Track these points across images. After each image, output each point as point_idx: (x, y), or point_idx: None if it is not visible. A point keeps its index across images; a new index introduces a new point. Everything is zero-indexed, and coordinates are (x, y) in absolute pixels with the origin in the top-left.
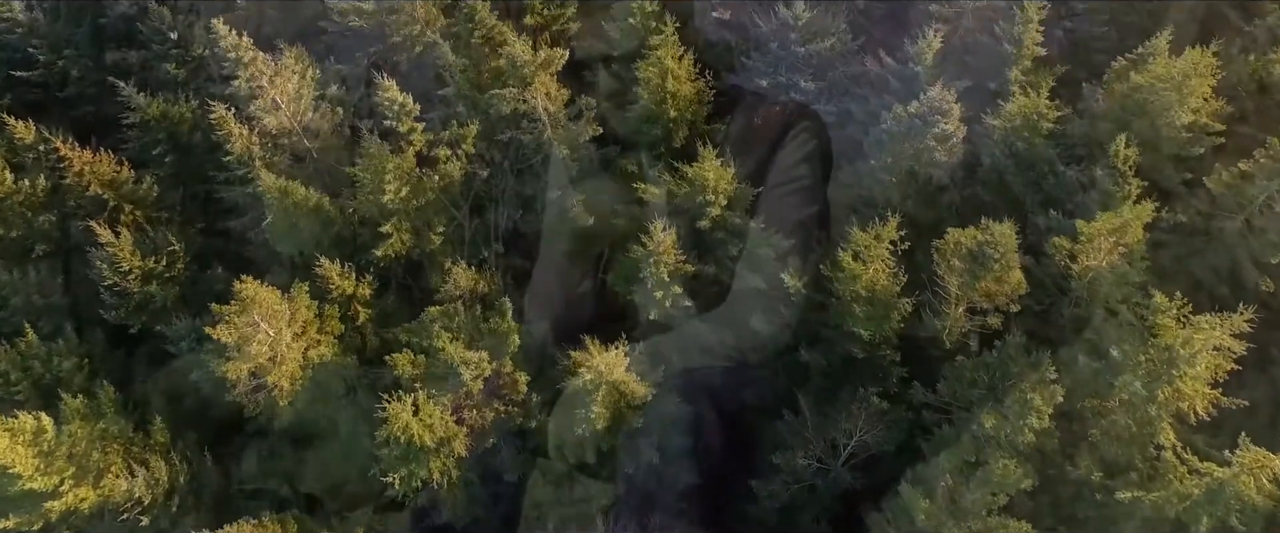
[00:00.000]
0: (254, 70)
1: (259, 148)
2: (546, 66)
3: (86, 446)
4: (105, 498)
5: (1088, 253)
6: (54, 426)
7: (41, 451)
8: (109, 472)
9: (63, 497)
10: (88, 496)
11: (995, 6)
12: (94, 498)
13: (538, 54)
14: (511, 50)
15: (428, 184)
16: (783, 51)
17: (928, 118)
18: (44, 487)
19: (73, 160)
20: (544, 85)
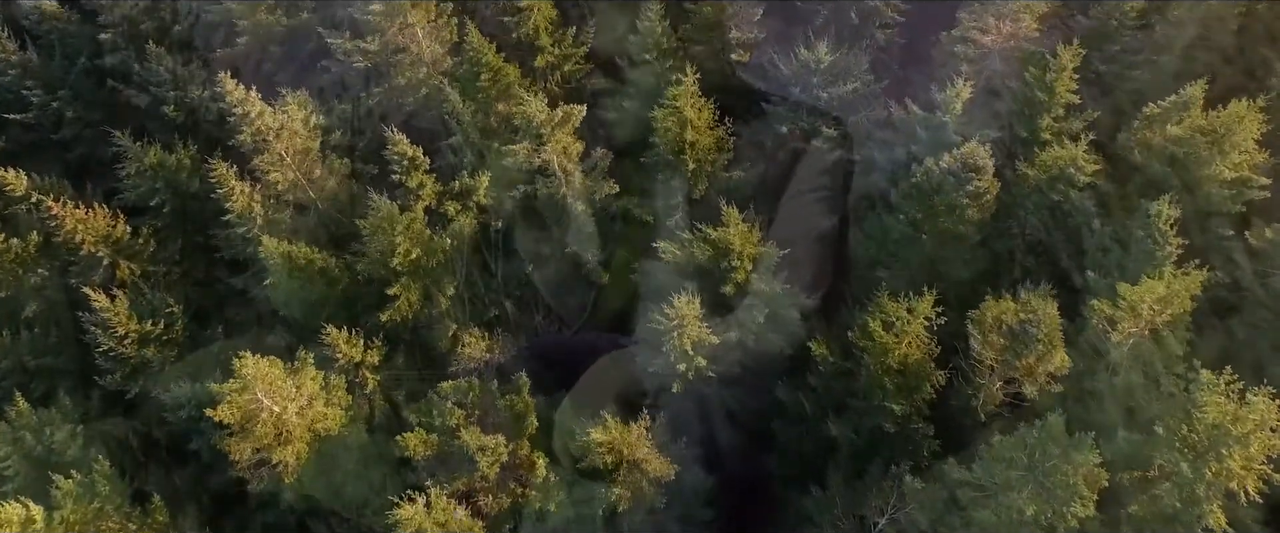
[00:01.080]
0: (260, 124)
1: (261, 204)
2: (565, 123)
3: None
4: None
5: (1129, 320)
6: (44, 513)
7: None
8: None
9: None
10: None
11: (1022, 48)
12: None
13: (556, 112)
14: (527, 110)
15: (439, 245)
16: (804, 95)
17: (961, 175)
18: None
19: (65, 218)
20: (562, 143)
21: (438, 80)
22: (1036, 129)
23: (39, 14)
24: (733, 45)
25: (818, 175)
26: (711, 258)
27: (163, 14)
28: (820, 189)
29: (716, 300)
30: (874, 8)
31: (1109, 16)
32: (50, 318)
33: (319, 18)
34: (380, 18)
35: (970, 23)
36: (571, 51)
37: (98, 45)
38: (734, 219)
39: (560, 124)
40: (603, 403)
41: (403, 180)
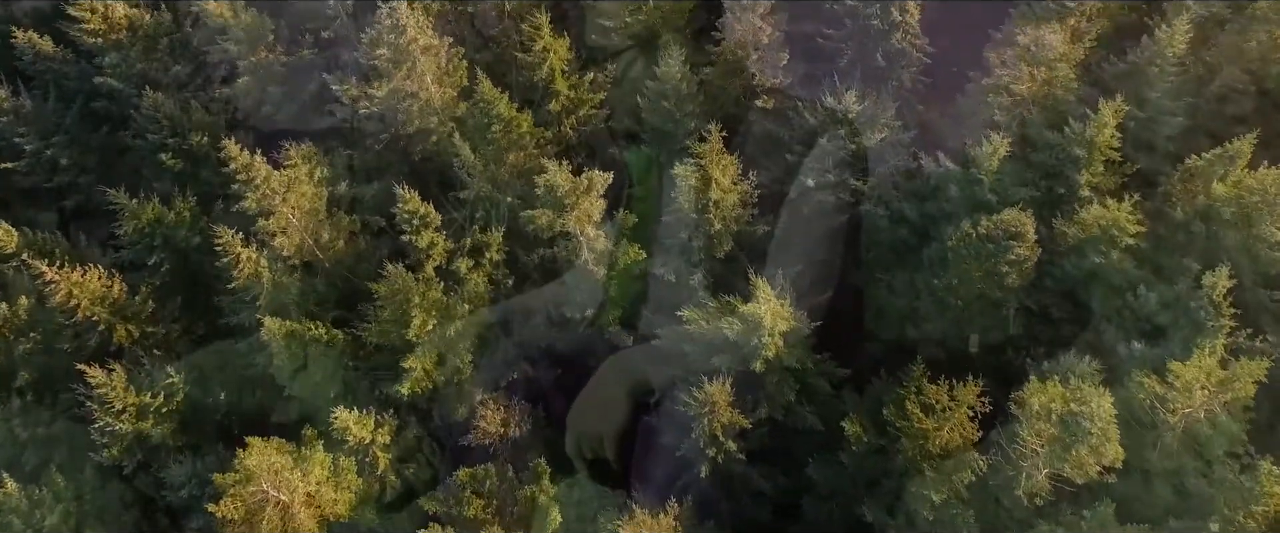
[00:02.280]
0: (266, 189)
1: (268, 269)
2: (588, 192)
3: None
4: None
5: (1181, 399)
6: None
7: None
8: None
9: None
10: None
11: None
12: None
13: (580, 181)
14: (551, 179)
15: (456, 312)
16: (831, 146)
17: (1001, 242)
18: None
19: (59, 283)
20: (585, 211)
21: (448, 127)
22: (1074, 185)
23: (34, 53)
24: (757, 91)
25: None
26: (741, 332)
27: (161, 54)
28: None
29: (745, 377)
30: (901, 50)
31: (1147, 62)
32: (44, 385)
33: (323, 57)
34: (387, 63)
35: (1002, 70)
36: (588, 97)
37: (94, 88)
38: (765, 294)
39: (584, 192)
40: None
41: (412, 240)
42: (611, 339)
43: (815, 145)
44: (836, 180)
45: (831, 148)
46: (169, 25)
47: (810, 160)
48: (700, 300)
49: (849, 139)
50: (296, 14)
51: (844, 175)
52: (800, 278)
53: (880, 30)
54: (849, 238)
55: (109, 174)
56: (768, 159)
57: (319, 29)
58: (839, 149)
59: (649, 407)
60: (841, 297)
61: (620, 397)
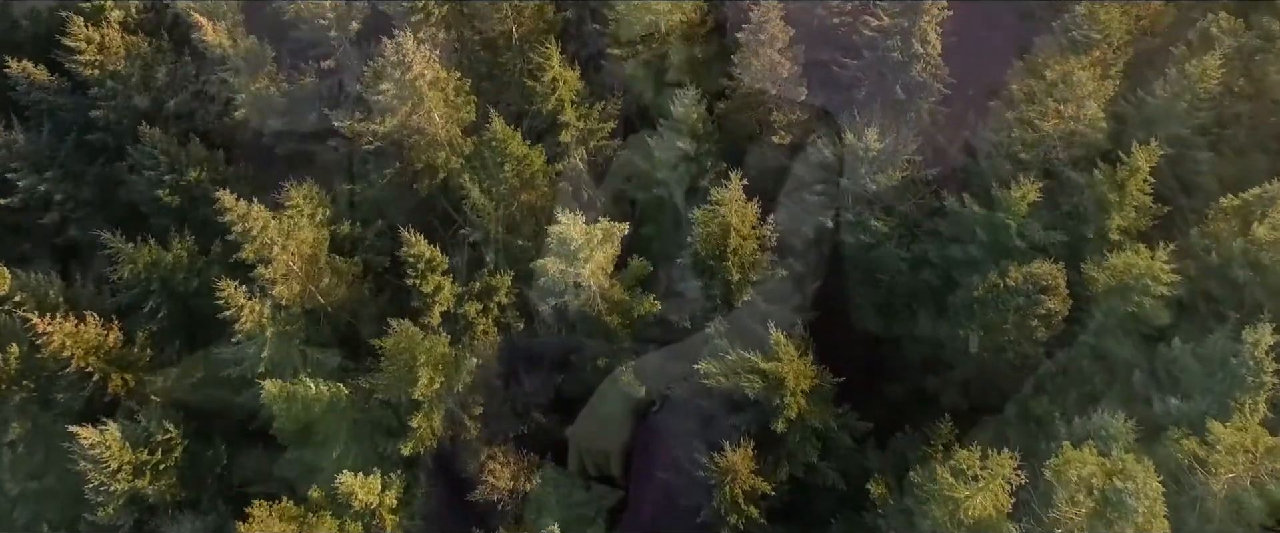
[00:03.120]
0: (264, 239)
1: (269, 319)
2: (606, 242)
3: None
4: None
5: (1224, 463)
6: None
7: None
8: None
9: None
10: None
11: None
12: None
13: (595, 231)
14: (565, 232)
15: (464, 365)
16: (852, 185)
17: (1031, 295)
18: None
19: (52, 334)
20: (599, 263)
21: (456, 163)
22: (1104, 229)
23: (28, 83)
24: (774, 126)
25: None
26: (761, 391)
27: (158, 84)
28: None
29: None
30: (922, 82)
31: (1175, 97)
32: (35, 436)
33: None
34: (393, 98)
35: (1028, 105)
36: (599, 126)
37: (90, 120)
38: (787, 352)
39: (600, 244)
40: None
41: (418, 285)
42: (624, 388)
43: (834, 183)
44: (856, 220)
45: (851, 186)
46: (167, 53)
47: (828, 199)
48: (718, 349)
49: (869, 177)
50: (297, 41)
51: (863, 215)
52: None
53: (900, 62)
54: (869, 280)
55: (105, 208)
56: (785, 196)
57: (320, 56)
58: (859, 187)
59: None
60: (861, 340)
61: (622, 412)
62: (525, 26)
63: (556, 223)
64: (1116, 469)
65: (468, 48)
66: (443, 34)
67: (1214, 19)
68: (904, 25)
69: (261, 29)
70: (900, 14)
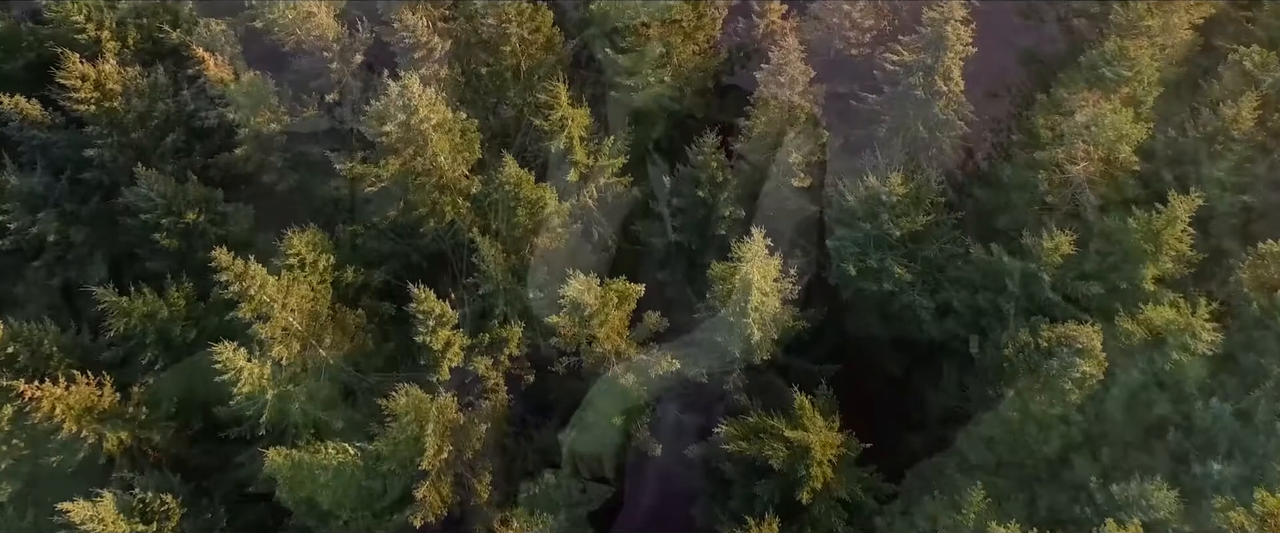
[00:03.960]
0: (262, 298)
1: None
2: (623, 304)
3: None
4: None
5: None
6: None
7: None
8: None
9: None
10: None
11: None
12: None
13: (609, 294)
14: (578, 297)
15: (473, 432)
16: (874, 230)
17: (1064, 358)
18: None
19: (41, 400)
20: (614, 326)
21: (463, 207)
22: (1139, 280)
23: (20, 119)
24: (793, 170)
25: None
26: (785, 461)
27: (156, 120)
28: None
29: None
30: (945, 120)
31: (1209, 138)
32: (26, 498)
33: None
34: (396, 140)
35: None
36: (608, 163)
37: (85, 158)
38: (813, 420)
39: (617, 306)
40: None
41: (427, 342)
42: (640, 447)
43: (856, 228)
44: (878, 267)
45: (873, 231)
46: (165, 87)
47: (850, 244)
48: (737, 406)
49: (892, 222)
50: (298, 72)
51: (886, 261)
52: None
53: (923, 100)
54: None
55: (101, 248)
56: (805, 242)
57: (322, 89)
58: (882, 233)
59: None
60: (882, 388)
61: (615, 416)
62: (533, 60)
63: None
64: None
65: (473, 82)
66: (446, 70)
67: (1246, 53)
68: (927, 62)
69: (260, 60)
70: (922, 50)
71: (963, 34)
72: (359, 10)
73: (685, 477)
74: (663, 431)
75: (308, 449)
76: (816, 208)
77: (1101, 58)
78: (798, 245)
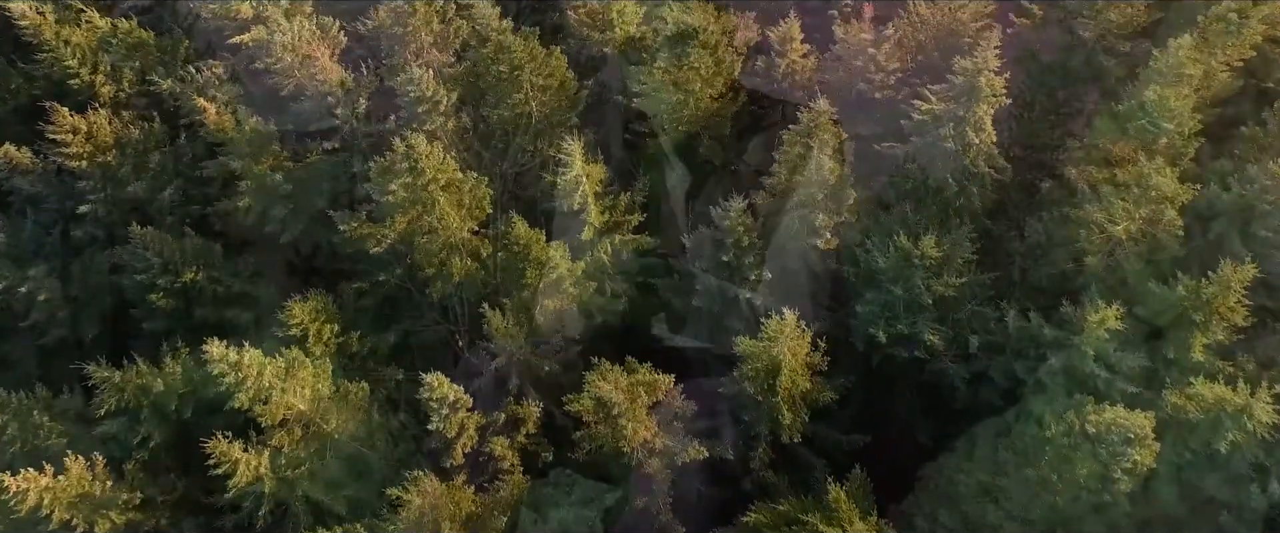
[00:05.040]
0: (259, 385)
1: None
2: (651, 393)
3: None
4: None
5: None
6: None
7: None
8: None
9: None
10: None
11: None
12: None
13: (636, 385)
14: (604, 393)
15: (492, 525)
16: (905, 293)
17: (1114, 447)
18: None
19: (29, 491)
20: (644, 424)
21: (470, 266)
22: (1187, 350)
23: (9, 168)
24: (818, 230)
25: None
26: None
27: (151, 171)
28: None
29: None
30: (976, 173)
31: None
32: None
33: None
34: (404, 202)
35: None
36: (624, 219)
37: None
38: (850, 513)
39: (645, 400)
40: None
41: (442, 429)
42: (664, 527)
43: (886, 291)
44: (909, 333)
45: (903, 295)
46: (160, 136)
47: (878, 307)
48: (765, 483)
49: (924, 286)
50: (298, 114)
51: (918, 326)
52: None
53: (953, 152)
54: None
55: (93, 305)
56: (832, 301)
57: (325, 132)
58: (912, 296)
59: None
60: (913, 459)
61: None
62: (546, 106)
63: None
64: None
65: (480, 132)
66: (452, 122)
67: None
68: (958, 113)
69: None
70: (953, 99)
71: (996, 84)
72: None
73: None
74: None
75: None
76: (841, 267)
77: (1141, 110)
78: (822, 307)
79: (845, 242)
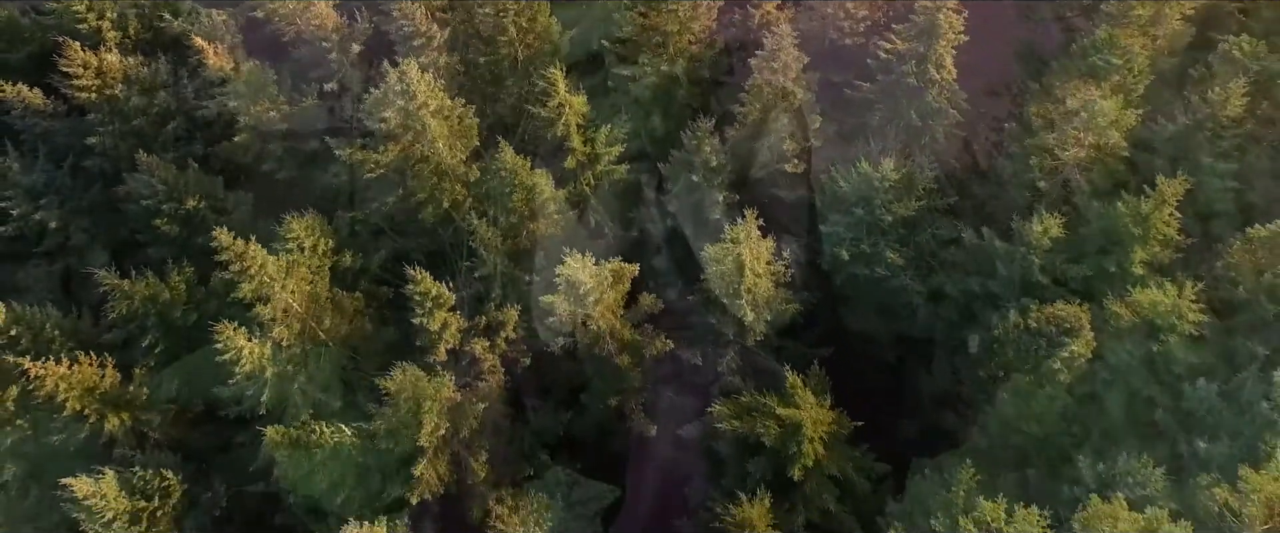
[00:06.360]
0: (263, 279)
1: (270, 362)
2: (617, 283)
3: None
4: None
5: (1258, 513)
6: None
7: None
8: None
9: None
10: None
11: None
12: None
13: (605, 273)
14: (574, 275)
15: (470, 411)
16: (867, 215)
17: (1053, 338)
18: None
19: (45, 379)
20: (610, 306)
21: (461, 194)
22: (1128, 263)
23: (23, 108)
24: (786, 155)
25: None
26: (777, 438)
27: (156, 109)
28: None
29: (781, 482)
30: (938, 108)
31: (1198, 125)
32: (30, 478)
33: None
34: (396, 127)
35: (1047, 133)
36: (605, 151)
37: (86, 146)
38: (804, 397)
39: (611, 286)
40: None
41: (424, 323)
42: (636, 427)
43: (849, 213)
44: (871, 252)
45: (866, 216)
46: (165, 76)
47: (843, 229)
48: (731, 387)
49: (885, 208)
50: (297, 62)
51: (879, 246)
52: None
53: (915, 87)
54: (885, 312)
55: (103, 235)
56: (798, 227)
57: (322, 78)
58: (874, 218)
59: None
60: (876, 374)
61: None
62: (530, 50)
63: (565, 259)
64: (1149, 527)
65: (470, 69)
66: (444, 58)
67: (1235, 42)
68: (919, 50)
69: (260, 50)
70: (915, 38)
71: (955, 22)
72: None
73: (687, 476)
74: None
75: (305, 429)
76: (810, 194)
77: (1093, 46)
78: (792, 232)
79: (813, 169)
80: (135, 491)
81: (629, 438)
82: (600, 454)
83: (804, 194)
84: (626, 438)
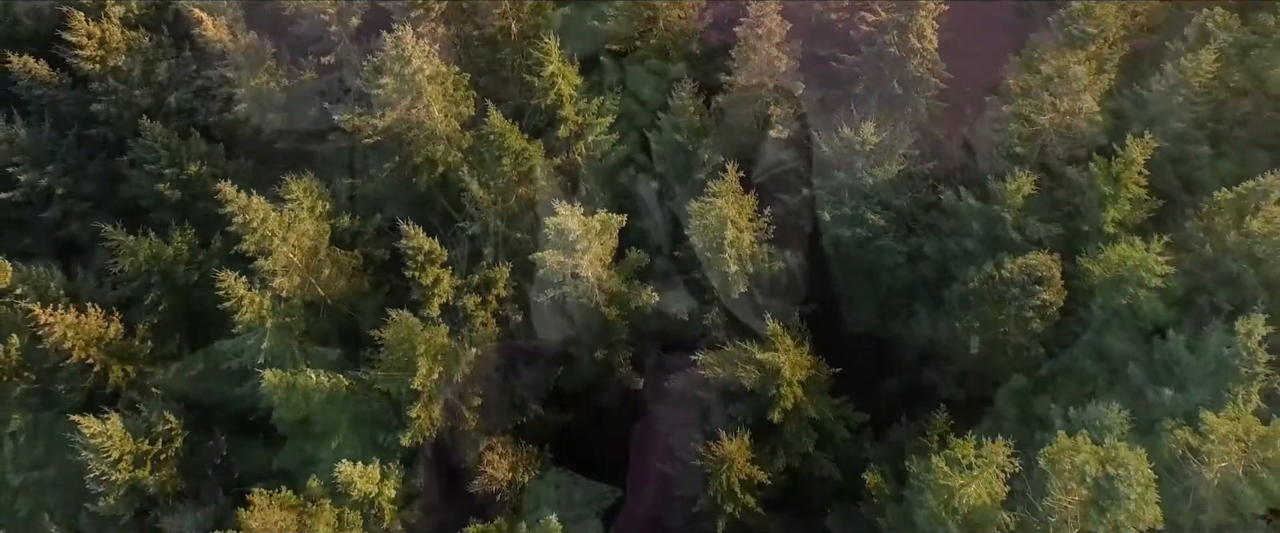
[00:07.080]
0: (264, 231)
1: (269, 311)
2: (604, 233)
3: None
4: None
5: (1217, 453)
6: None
7: None
8: None
9: None
10: None
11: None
12: None
13: (593, 222)
14: (563, 223)
15: (463, 356)
16: (849, 179)
17: (1026, 286)
18: None
19: (54, 326)
20: (598, 256)
21: (456, 157)
22: (1099, 222)
23: (29, 78)
24: (770, 121)
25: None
26: (758, 382)
27: (158, 80)
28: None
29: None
30: (919, 77)
31: (1171, 91)
32: (36, 427)
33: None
34: (392, 93)
35: (1024, 99)
36: (597, 121)
37: (90, 115)
38: (784, 342)
39: (597, 235)
40: None
41: (417, 277)
42: (622, 380)
43: (831, 177)
44: (853, 214)
45: (848, 180)
46: (168, 49)
47: (826, 193)
48: (715, 340)
49: (866, 171)
50: (296, 36)
51: (860, 209)
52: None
53: (897, 57)
54: (866, 273)
55: (106, 203)
56: (782, 191)
57: (320, 51)
58: (856, 181)
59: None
60: (858, 334)
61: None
62: (524, 22)
63: (555, 214)
64: (1109, 457)
65: (467, 43)
66: (442, 29)
67: (1209, 14)
68: (901, 20)
69: (261, 24)
70: (896, 9)
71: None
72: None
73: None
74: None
75: (301, 373)
76: (795, 160)
77: (1069, 16)
78: (776, 197)
79: (798, 136)
80: (139, 434)
81: (627, 436)
82: (588, 406)
83: (788, 158)
84: (615, 393)
